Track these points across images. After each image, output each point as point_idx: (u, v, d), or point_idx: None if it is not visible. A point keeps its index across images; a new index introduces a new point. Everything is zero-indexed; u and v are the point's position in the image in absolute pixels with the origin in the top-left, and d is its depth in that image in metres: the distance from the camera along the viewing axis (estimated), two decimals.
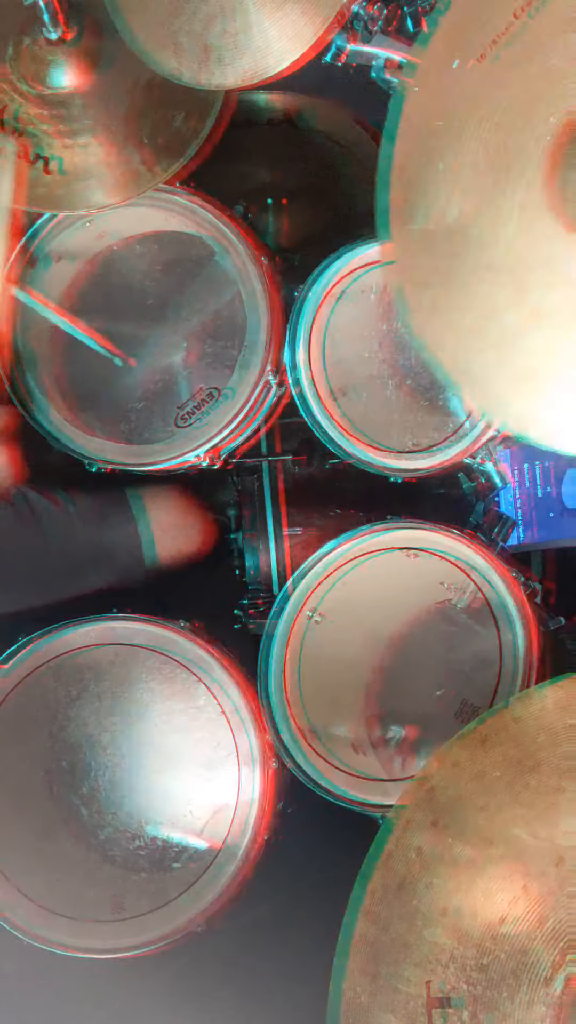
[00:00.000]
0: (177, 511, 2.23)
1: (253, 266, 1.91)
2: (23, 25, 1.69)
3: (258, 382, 1.90)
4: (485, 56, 1.28)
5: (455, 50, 1.30)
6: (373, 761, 1.89)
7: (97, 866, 1.91)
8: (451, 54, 1.30)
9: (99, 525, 2.13)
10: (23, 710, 1.92)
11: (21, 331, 1.93)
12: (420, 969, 1.26)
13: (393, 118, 1.34)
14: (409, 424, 1.94)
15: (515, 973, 1.21)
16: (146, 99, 1.74)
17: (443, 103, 1.31)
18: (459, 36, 1.29)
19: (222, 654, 1.92)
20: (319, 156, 2.47)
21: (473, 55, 1.28)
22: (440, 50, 1.31)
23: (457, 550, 1.88)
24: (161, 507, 2.20)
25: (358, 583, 1.93)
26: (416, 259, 1.33)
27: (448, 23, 1.31)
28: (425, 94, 1.32)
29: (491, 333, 1.29)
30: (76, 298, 2.01)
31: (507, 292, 1.27)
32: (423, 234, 1.31)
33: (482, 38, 1.28)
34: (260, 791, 1.87)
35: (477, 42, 1.28)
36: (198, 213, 1.93)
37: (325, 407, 1.91)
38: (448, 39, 1.30)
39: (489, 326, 1.29)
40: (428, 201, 1.31)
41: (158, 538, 2.18)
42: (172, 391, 1.99)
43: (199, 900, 1.84)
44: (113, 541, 2.14)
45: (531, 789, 1.27)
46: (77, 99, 1.72)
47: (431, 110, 1.31)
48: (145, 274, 2.03)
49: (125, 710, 1.94)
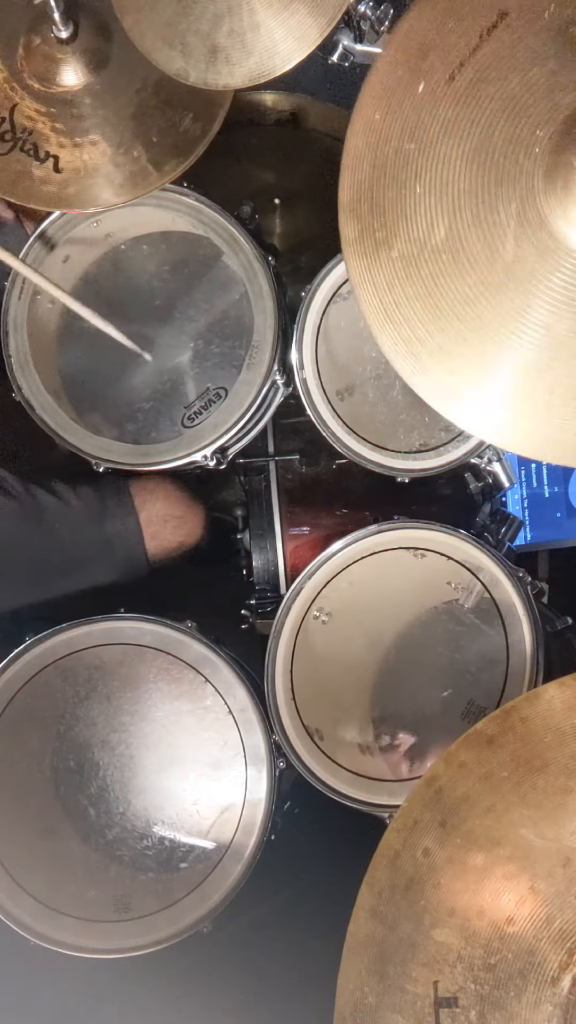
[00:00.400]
0: (166, 502, 2.23)
1: (260, 266, 1.91)
2: (32, 24, 1.69)
3: (265, 382, 1.90)
4: (455, 77, 1.28)
5: (420, 75, 1.30)
6: (380, 762, 1.89)
7: (104, 866, 1.92)
8: (416, 79, 1.30)
9: (100, 518, 2.13)
10: (30, 710, 1.93)
11: (28, 330, 1.94)
12: (427, 969, 1.26)
13: (351, 145, 1.35)
14: (415, 424, 1.94)
15: (522, 973, 1.21)
16: (154, 98, 1.74)
17: (413, 127, 1.31)
18: (423, 61, 1.30)
19: (229, 654, 1.92)
20: (325, 156, 2.48)
21: (442, 78, 1.29)
22: (404, 75, 1.32)
23: (464, 550, 1.88)
24: (149, 499, 2.20)
25: (365, 583, 1.93)
26: (396, 286, 1.33)
27: (407, 50, 1.31)
28: (392, 119, 1.32)
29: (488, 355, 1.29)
30: (83, 297, 2.01)
31: (503, 308, 1.27)
32: (404, 259, 1.32)
33: (450, 60, 1.28)
34: (267, 791, 1.87)
35: (444, 65, 1.29)
36: (205, 213, 1.93)
37: (332, 407, 1.92)
38: (411, 65, 1.31)
39: (486, 347, 1.29)
40: (408, 224, 1.31)
41: (146, 530, 2.17)
42: (179, 391, 1.99)
43: (206, 900, 1.84)
44: (116, 535, 2.13)
45: (538, 789, 1.27)
46: (86, 98, 1.72)
47: (401, 134, 1.31)
48: (152, 274, 2.03)
49: (132, 710, 1.95)
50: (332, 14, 1.47)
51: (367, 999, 1.28)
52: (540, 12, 1.24)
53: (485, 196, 1.26)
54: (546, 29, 1.24)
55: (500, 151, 1.25)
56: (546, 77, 1.24)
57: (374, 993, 1.28)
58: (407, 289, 1.32)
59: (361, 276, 1.35)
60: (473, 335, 1.29)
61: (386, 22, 1.65)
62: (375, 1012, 1.28)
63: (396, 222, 1.32)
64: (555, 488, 2.21)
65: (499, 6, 1.26)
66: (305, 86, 2.35)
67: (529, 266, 1.24)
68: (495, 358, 1.28)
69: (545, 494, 2.22)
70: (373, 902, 1.32)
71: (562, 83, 1.23)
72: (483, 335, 1.28)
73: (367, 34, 1.68)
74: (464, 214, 1.27)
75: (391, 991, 1.27)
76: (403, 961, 1.27)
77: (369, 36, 1.68)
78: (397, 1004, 1.26)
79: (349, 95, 2.33)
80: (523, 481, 2.24)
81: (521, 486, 2.24)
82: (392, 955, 1.28)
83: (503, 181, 1.25)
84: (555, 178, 1.21)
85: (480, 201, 1.26)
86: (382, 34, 1.67)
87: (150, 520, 2.16)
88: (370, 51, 1.69)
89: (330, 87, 2.35)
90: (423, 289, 1.31)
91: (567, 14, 1.23)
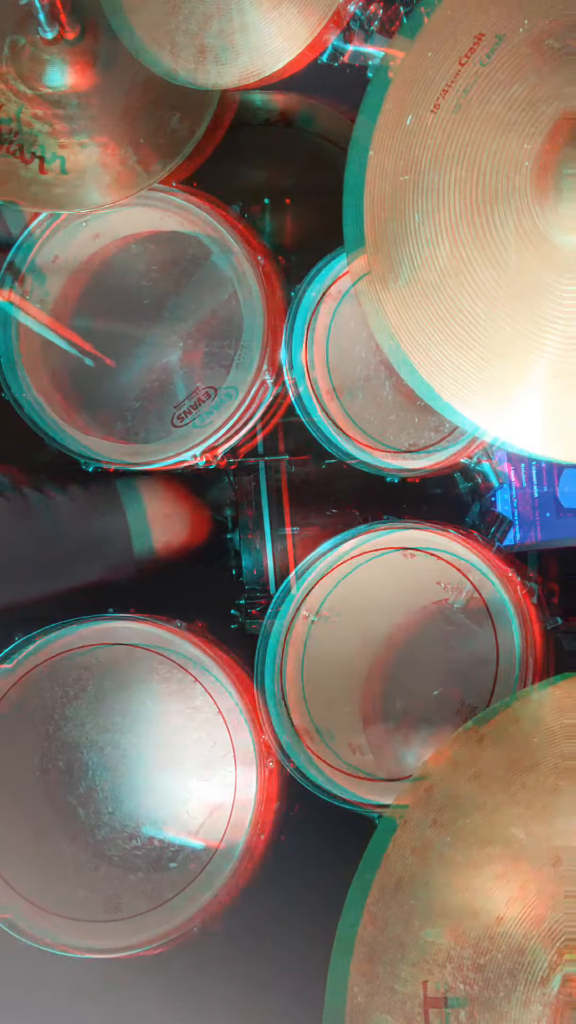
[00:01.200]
0: (171, 501, 2.23)
1: (250, 265, 1.91)
2: (19, 24, 1.69)
3: (255, 382, 1.90)
4: (439, 106, 1.29)
5: (407, 108, 1.31)
6: (371, 760, 1.89)
7: (94, 866, 1.91)
8: (402, 113, 1.32)
9: (89, 516, 2.13)
10: (19, 709, 1.92)
11: (15, 329, 1.93)
12: (417, 969, 1.26)
13: (356, 180, 1.36)
14: (406, 424, 1.94)
15: (512, 973, 1.21)
16: (143, 99, 1.73)
17: (406, 158, 1.32)
18: (408, 94, 1.31)
19: (219, 654, 1.92)
20: (316, 157, 2.47)
21: (427, 108, 1.30)
22: (391, 110, 1.33)
23: (454, 550, 1.88)
24: (156, 496, 2.20)
25: (356, 583, 1.93)
26: (407, 314, 1.34)
27: (393, 86, 1.33)
28: (384, 154, 1.33)
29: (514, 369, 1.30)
30: (72, 298, 2.00)
31: (518, 321, 1.28)
32: (411, 288, 1.32)
33: (432, 91, 1.30)
34: (257, 791, 1.87)
35: (428, 96, 1.30)
36: (194, 213, 1.93)
37: (322, 407, 1.91)
38: (397, 99, 1.32)
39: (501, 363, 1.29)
40: (411, 253, 1.32)
41: (153, 527, 2.18)
42: (169, 391, 1.99)
43: (196, 900, 1.84)
44: (103, 532, 2.13)
45: (528, 788, 1.28)
46: (74, 98, 1.71)
47: (395, 167, 1.33)
48: (142, 274, 2.03)
49: (122, 710, 1.94)
50: (322, 14, 1.48)
51: (357, 999, 1.28)
52: (515, 29, 1.26)
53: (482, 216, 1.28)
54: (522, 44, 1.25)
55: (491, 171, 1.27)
56: (527, 92, 1.25)
57: (364, 993, 1.28)
58: (418, 316, 1.33)
59: (374, 309, 1.36)
60: (492, 351, 1.29)
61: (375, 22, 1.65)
62: (365, 1012, 1.28)
63: (400, 251, 1.33)
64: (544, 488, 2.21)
65: (474, 30, 1.28)
66: (295, 86, 2.35)
67: (535, 277, 1.25)
68: (522, 370, 1.28)
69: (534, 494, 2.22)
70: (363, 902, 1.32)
71: (543, 96, 1.24)
72: (503, 350, 1.29)
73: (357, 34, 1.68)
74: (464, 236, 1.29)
75: (381, 991, 1.27)
76: (393, 961, 1.28)
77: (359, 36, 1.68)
78: (387, 1004, 1.27)
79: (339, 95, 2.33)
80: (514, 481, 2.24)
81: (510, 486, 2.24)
82: (382, 955, 1.28)
83: (497, 200, 1.26)
84: (546, 188, 1.22)
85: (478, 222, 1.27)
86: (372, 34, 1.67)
87: (157, 518, 2.16)
88: (360, 51, 1.69)
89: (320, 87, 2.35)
90: (434, 314, 1.32)
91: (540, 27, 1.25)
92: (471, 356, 1.31)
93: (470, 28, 1.28)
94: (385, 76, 1.35)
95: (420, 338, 1.34)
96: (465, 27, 1.28)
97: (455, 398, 1.34)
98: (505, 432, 1.33)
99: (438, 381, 1.34)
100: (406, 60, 1.32)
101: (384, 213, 1.34)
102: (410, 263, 1.32)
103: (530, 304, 1.26)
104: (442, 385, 1.34)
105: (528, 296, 1.26)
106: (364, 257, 1.37)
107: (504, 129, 1.25)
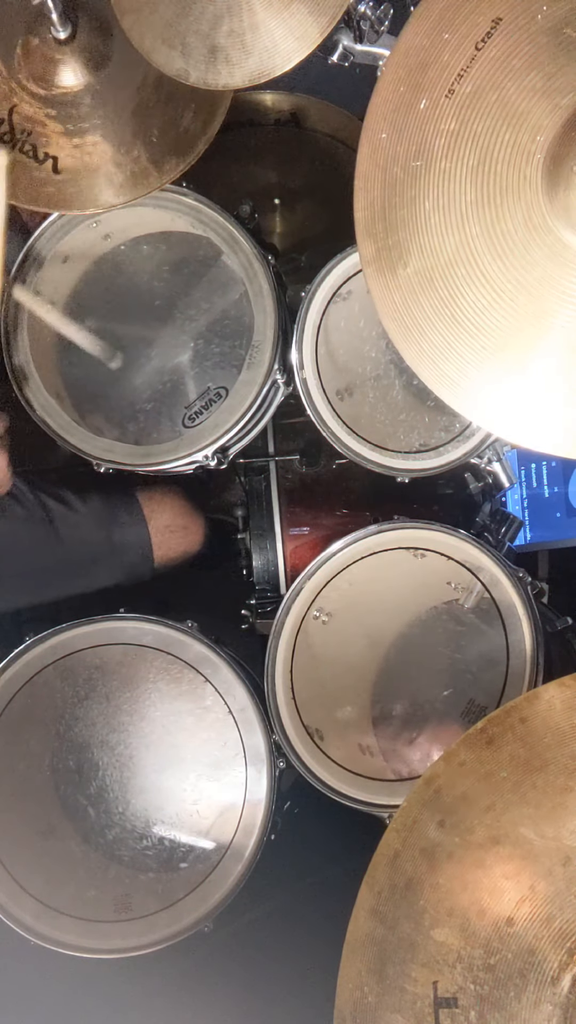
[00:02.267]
0: (172, 512, 2.24)
1: (260, 265, 1.91)
2: (31, 24, 1.69)
3: (265, 382, 1.90)
4: (454, 90, 1.28)
5: (421, 91, 1.30)
6: (379, 761, 1.90)
7: (104, 866, 1.92)
8: (417, 96, 1.31)
9: (110, 526, 2.14)
10: (30, 710, 1.93)
11: (28, 331, 1.93)
12: (427, 969, 1.26)
13: (362, 168, 1.36)
14: (415, 424, 1.94)
15: (522, 973, 1.21)
16: (153, 99, 1.74)
17: (418, 144, 1.31)
18: (423, 76, 1.30)
19: (229, 654, 1.92)
20: (325, 156, 2.48)
21: (442, 92, 1.29)
22: (406, 93, 1.32)
23: (464, 550, 1.88)
24: (156, 508, 2.21)
25: (365, 583, 1.93)
26: (414, 301, 1.33)
27: (408, 67, 1.32)
28: (398, 138, 1.33)
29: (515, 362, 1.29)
30: (82, 298, 2.01)
31: (521, 315, 1.27)
32: (419, 275, 1.32)
33: (448, 73, 1.29)
34: (267, 791, 1.87)
35: (443, 79, 1.29)
36: (204, 213, 1.93)
37: (332, 407, 1.91)
38: (412, 81, 1.31)
39: (511, 353, 1.29)
40: (420, 240, 1.31)
41: (154, 539, 2.19)
42: (180, 391, 1.99)
43: (206, 900, 1.84)
44: (124, 541, 2.15)
45: (538, 789, 1.27)
46: (85, 98, 1.72)
47: (407, 153, 1.32)
48: (152, 274, 2.03)
49: (132, 710, 1.95)
50: (333, 14, 1.47)
51: (367, 999, 1.29)
52: (533, 16, 1.25)
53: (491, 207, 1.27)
54: (541, 32, 1.24)
55: (503, 161, 1.26)
56: (543, 81, 1.24)
57: (374, 993, 1.28)
58: (423, 304, 1.33)
59: (382, 294, 1.36)
60: (494, 343, 1.29)
61: (386, 22, 1.65)
62: (375, 1012, 1.28)
63: (409, 239, 1.32)
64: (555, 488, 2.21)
65: (492, 13, 1.26)
66: (305, 86, 2.35)
67: (540, 271, 1.24)
68: (524, 364, 1.28)
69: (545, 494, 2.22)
70: (373, 902, 1.32)
71: (559, 86, 1.23)
72: (506, 342, 1.28)
73: (367, 34, 1.68)
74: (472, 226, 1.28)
75: (391, 991, 1.27)
76: (403, 961, 1.28)
77: (369, 36, 1.68)
78: (397, 1004, 1.27)
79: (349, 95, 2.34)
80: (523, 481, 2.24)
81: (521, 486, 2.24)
82: (392, 955, 1.29)
83: (508, 190, 1.26)
84: (557, 183, 1.21)
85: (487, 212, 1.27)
86: (382, 34, 1.67)
87: (157, 530, 2.18)
88: (370, 51, 1.69)
89: (330, 87, 2.35)
90: (439, 302, 1.32)
91: (560, 15, 1.23)
92: (472, 346, 1.30)
93: (489, 11, 1.26)
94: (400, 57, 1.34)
95: (424, 324, 1.33)
96: (483, 9, 1.26)
97: (454, 387, 1.33)
98: (504, 425, 1.33)
99: (440, 365, 1.33)
100: (422, 40, 1.30)
101: (395, 199, 1.33)
102: (419, 251, 1.31)
103: (533, 298, 1.25)
104: (443, 372, 1.33)
105: (532, 290, 1.25)
106: (374, 242, 1.36)
107: (519, 119, 1.24)
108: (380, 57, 1.68)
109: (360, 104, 2.37)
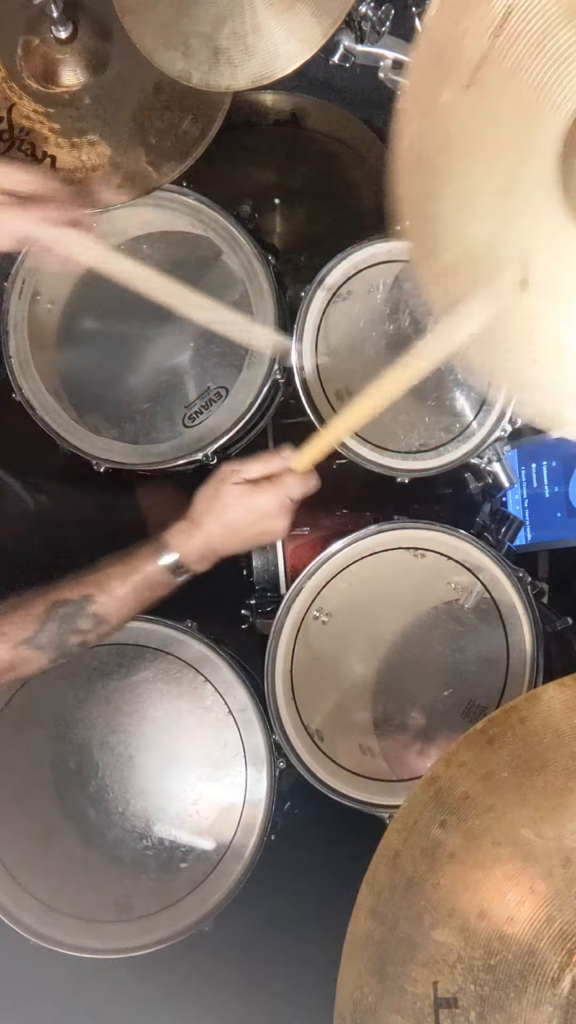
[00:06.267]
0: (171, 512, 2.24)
1: (260, 265, 1.91)
2: (32, 24, 1.69)
3: (265, 381, 1.90)
4: (473, 83, 1.27)
5: (441, 85, 1.29)
6: (380, 761, 1.89)
7: (104, 866, 1.92)
8: (437, 90, 1.30)
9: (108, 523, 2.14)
10: (29, 710, 1.93)
11: (29, 330, 1.93)
12: (427, 969, 1.26)
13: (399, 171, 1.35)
14: (416, 424, 1.94)
15: (522, 974, 1.21)
16: (154, 99, 1.74)
17: (441, 137, 1.30)
18: (441, 71, 1.29)
19: (229, 654, 1.92)
20: (325, 156, 2.48)
21: (460, 84, 1.28)
22: (426, 87, 1.31)
23: (464, 550, 1.88)
24: (155, 508, 2.21)
25: (365, 583, 1.93)
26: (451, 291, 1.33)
27: (424, 62, 1.30)
28: (420, 133, 1.32)
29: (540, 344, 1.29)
30: (82, 298, 2.01)
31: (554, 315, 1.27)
32: (451, 266, 1.32)
33: (465, 67, 1.27)
34: (267, 791, 1.87)
35: (461, 72, 1.27)
36: (205, 213, 1.93)
37: (332, 407, 1.91)
38: (430, 76, 1.30)
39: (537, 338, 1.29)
40: (450, 232, 1.31)
41: None
42: (179, 391, 1.99)
43: (207, 900, 1.84)
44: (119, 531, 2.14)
45: (538, 789, 1.27)
46: (85, 98, 1.72)
47: (430, 147, 1.31)
48: None
49: (132, 710, 1.95)
50: (336, 15, 1.47)
51: (367, 999, 1.28)
52: None
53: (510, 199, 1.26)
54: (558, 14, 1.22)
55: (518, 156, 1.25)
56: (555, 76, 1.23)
57: (374, 993, 1.28)
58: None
59: (429, 291, 1.36)
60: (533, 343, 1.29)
61: (387, 22, 1.65)
62: (375, 1012, 1.28)
63: (440, 234, 1.32)
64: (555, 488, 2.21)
65: None
66: (306, 86, 2.35)
67: None
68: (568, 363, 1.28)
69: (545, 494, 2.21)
70: (373, 902, 1.32)
71: None
72: (543, 342, 1.28)
73: (368, 35, 1.68)
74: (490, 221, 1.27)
75: (391, 991, 1.27)
76: (403, 961, 1.27)
77: (370, 37, 1.68)
78: (397, 1004, 1.26)
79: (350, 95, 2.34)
80: (523, 481, 2.24)
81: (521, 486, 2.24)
82: (392, 955, 1.28)
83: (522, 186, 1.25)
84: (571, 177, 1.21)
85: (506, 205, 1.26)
86: (383, 34, 1.67)
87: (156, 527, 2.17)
88: (371, 51, 1.69)
89: (330, 87, 2.35)
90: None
91: None
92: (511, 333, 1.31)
93: None
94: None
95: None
96: None
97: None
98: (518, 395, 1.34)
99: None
100: (438, 30, 1.28)
101: (423, 191, 1.32)
102: (450, 242, 1.31)
103: (563, 295, 1.25)
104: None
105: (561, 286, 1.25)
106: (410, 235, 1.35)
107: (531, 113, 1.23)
108: (382, 57, 1.68)
109: (360, 104, 2.39)
